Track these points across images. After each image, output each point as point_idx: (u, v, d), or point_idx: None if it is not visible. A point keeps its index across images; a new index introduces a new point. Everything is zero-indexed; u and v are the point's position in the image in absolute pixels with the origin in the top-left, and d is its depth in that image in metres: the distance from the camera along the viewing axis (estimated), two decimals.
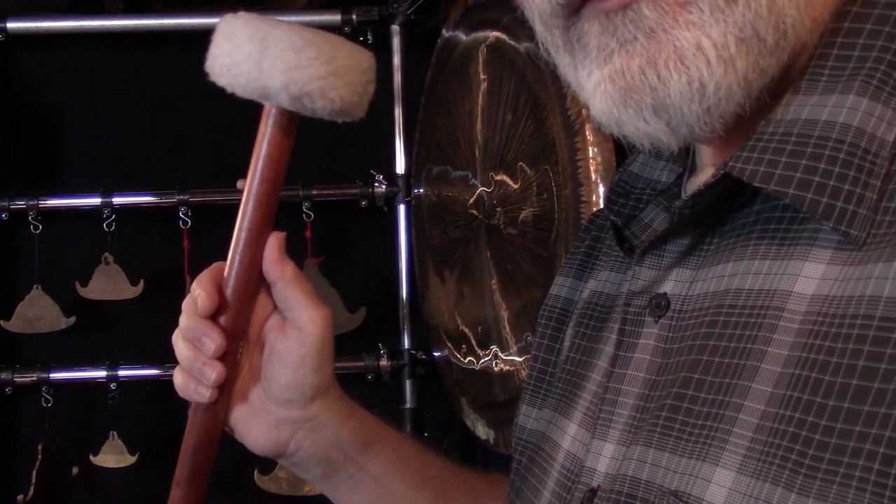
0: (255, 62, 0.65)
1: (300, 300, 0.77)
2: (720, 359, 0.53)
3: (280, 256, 0.75)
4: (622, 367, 0.62)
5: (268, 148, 0.71)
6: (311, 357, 0.78)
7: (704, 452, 0.51)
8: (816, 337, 0.48)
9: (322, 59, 0.65)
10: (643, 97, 0.53)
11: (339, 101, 0.66)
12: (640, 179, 0.68)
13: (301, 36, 0.65)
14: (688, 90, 0.52)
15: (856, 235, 0.49)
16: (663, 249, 0.62)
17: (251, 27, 0.66)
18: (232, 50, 0.66)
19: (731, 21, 0.51)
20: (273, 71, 0.65)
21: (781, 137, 0.52)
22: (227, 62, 0.66)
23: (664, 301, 0.60)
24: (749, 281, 0.54)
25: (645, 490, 0.55)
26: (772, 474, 0.47)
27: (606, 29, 0.54)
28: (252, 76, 0.65)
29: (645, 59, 0.53)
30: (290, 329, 0.78)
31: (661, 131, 0.54)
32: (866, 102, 0.51)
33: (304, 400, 0.80)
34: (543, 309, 0.81)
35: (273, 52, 0.65)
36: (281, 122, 0.70)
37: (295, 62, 0.65)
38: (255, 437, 0.80)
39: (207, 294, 0.73)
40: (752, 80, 0.52)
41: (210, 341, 0.74)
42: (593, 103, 0.57)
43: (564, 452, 0.67)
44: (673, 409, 0.54)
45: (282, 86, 0.65)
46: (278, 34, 0.65)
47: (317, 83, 0.65)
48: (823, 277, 0.50)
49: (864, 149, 0.50)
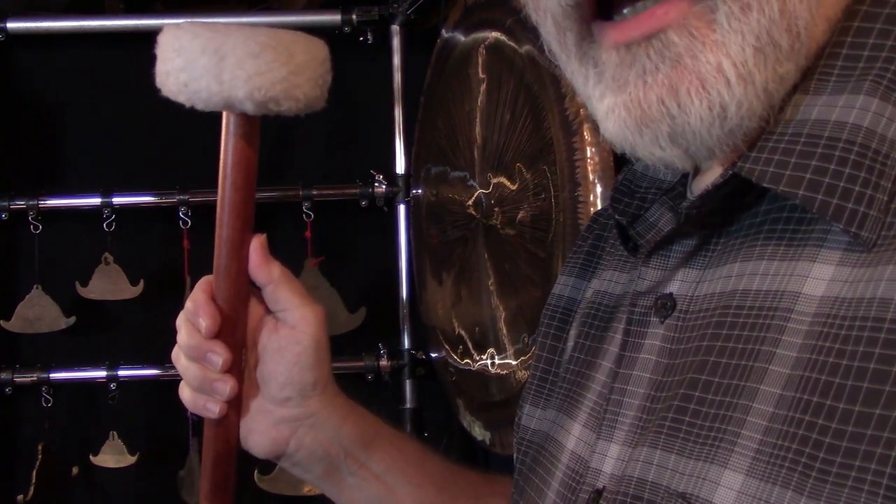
0: (214, 75, 0.63)
1: (291, 300, 0.77)
2: (728, 360, 0.52)
3: (265, 259, 0.75)
4: (627, 368, 0.62)
5: (235, 155, 0.70)
6: (306, 355, 0.78)
7: (712, 454, 0.51)
8: (826, 339, 0.48)
9: (281, 59, 0.64)
10: (660, 126, 0.53)
11: (304, 97, 0.66)
12: (644, 178, 0.67)
13: (255, 40, 0.63)
14: (708, 115, 0.52)
15: (866, 237, 0.49)
16: (669, 250, 0.62)
17: (202, 39, 0.63)
18: (186, 65, 0.64)
19: (748, 30, 0.51)
20: (235, 81, 0.63)
21: (791, 138, 0.52)
22: (184, 79, 0.64)
23: (670, 301, 0.60)
24: (757, 282, 0.53)
25: (651, 492, 0.54)
26: (781, 477, 0.47)
27: (625, 60, 0.54)
28: (213, 90, 0.64)
29: (665, 89, 0.52)
30: (283, 329, 0.78)
31: (677, 157, 0.54)
32: (877, 103, 0.50)
33: (302, 397, 0.80)
34: (546, 308, 0.80)
35: (231, 63, 0.63)
36: (244, 129, 0.69)
37: (255, 69, 0.63)
38: (256, 439, 0.80)
39: (209, 316, 0.74)
40: (771, 91, 0.52)
41: (217, 357, 0.74)
42: (605, 126, 0.56)
43: (569, 453, 0.66)
44: (680, 410, 0.54)
45: (246, 95, 0.64)
46: (232, 43, 0.63)
47: (280, 85, 0.64)
48: (833, 279, 0.50)
49: (875, 150, 0.50)
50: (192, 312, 0.75)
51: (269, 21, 1.95)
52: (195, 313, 0.75)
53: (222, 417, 0.77)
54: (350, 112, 2.08)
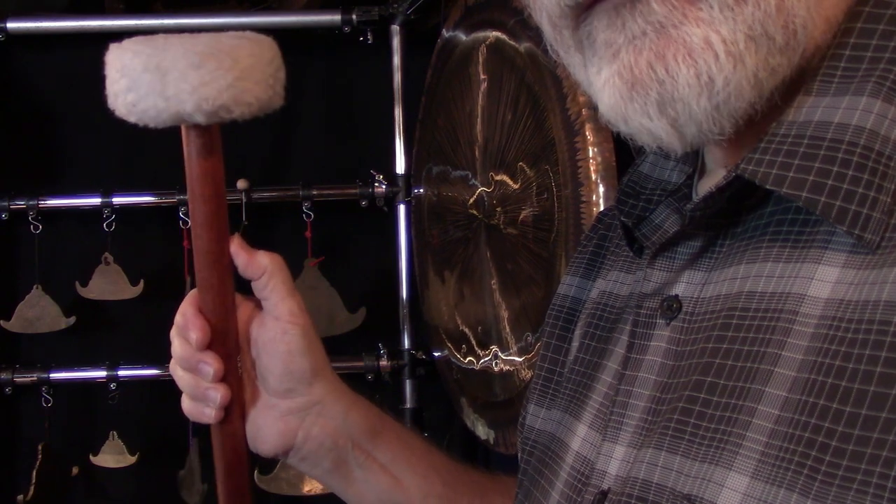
0: (159, 92, 0.62)
1: (279, 291, 0.79)
2: (733, 362, 0.52)
3: (250, 255, 0.77)
4: (633, 370, 0.62)
5: (198, 168, 0.69)
6: (296, 342, 0.80)
7: (717, 456, 0.51)
8: (832, 342, 0.48)
9: (224, 66, 0.62)
10: (649, 91, 0.53)
11: (256, 101, 0.65)
12: (650, 180, 0.67)
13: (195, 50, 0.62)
14: (696, 83, 0.51)
15: (870, 239, 0.49)
16: (675, 251, 0.62)
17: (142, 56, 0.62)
18: (131, 85, 0.62)
19: (741, 19, 0.51)
20: (180, 95, 0.62)
21: (794, 139, 0.52)
22: (131, 99, 0.63)
23: (676, 303, 0.60)
24: (762, 283, 0.53)
25: (656, 493, 0.54)
26: (787, 480, 0.47)
27: (614, 23, 0.54)
28: (160, 107, 0.62)
29: (654, 54, 0.52)
30: (269, 321, 0.80)
31: (664, 130, 0.54)
32: (879, 104, 0.50)
33: (304, 385, 0.81)
34: (551, 308, 0.80)
35: (174, 77, 0.61)
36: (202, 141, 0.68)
37: (199, 80, 0.62)
38: (264, 436, 0.81)
39: (199, 328, 0.75)
40: (762, 79, 0.52)
41: (208, 367, 0.76)
42: (602, 99, 0.56)
43: (574, 454, 0.66)
44: (685, 412, 0.54)
45: (194, 107, 0.62)
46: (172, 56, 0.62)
47: (228, 93, 0.62)
48: (838, 281, 0.50)
49: (878, 151, 0.50)
50: (182, 326, 0.77)
51: (270, 21, 1.95)
52: (184, 327, 0.76)
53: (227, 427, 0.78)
54: (350, 112, 2.08)
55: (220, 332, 0.75)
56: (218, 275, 0.74)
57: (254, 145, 2.05)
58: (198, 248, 0.72)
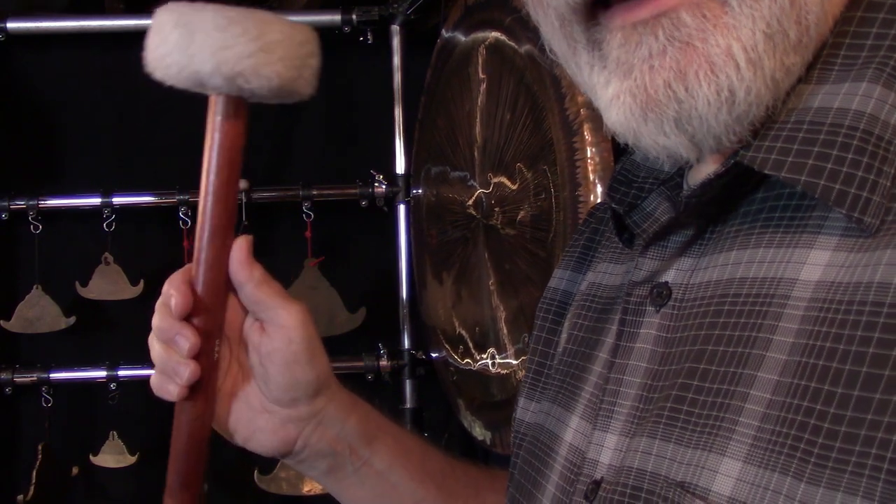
0: (183, 49, 0.63)
1: (274, 300, 0.76)
2: (724, 348, 0.52)
3: (248, 259, 0.74)
4: (623, 358, 0.62)
5: (218, 138, 0.69)
6: (301, 353, 0.77)
7: (710, 442, 0.50)
8: (822, 324, 0.48)
9: (249, 35, 0.63)
10: (666, 110, 0.52)
11: (277, 77, 0.64)
12: (642, 168, 0.67)
13: (225, 15, 0.63)
14: (716, 100, 0.51)
15: (869, 222, 0.48)
16: (666, 239, 0.62)
17: (175, 15, 0.64)
18: (161, 42, 0.64)
19: (759, 15, 0.51)
20: (201, 55, 0.63)
21: (793, 125, 0.52)
22: (159, 54, 0.65)
23: (665, 290, 0.60)
24: (753, 269, 0.53)
25: (650, 481, 0.54)
26: (780, 464, 0.47)
27: (630, 40, 0.53)
28: (182, 63, 0.64)
29: (673, 73, 0.52)
30: (272, 330, 0.77)
31: (682, 145, 0.54)
32: (879, 90, 0.50)
33: (309, 395, 0.79)
34: (542, 302, 0.80)
35: (199, 36, 0.63)
36: (227, 110, 0.68)
37: (221, 42, 0.63)
38: (262, 440, 0.80)
39: (181, 294, 0.72)
40: (778, 80, 0.52)
41: (184, 340, 0.73)
42: (608, 114, 0.56)
43: (567, 445, 0.66)
44: (677, 399, 0.54)
45: (213, 68, 0.63)
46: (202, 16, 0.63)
47: (247, 61, 0.63)
48: (829, 264, 0.50)
49: (878, 136, 0.49)
50: (165, 292, 0.74)
51: None
52: (167, 292, 0.73)
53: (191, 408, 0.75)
54: (350, 112, 2.08)
55: (204, 309, 0.73)
56: (215, 252, 0.72)
57: (254, 145, 2.05)
58: (201, 219, 0.71)
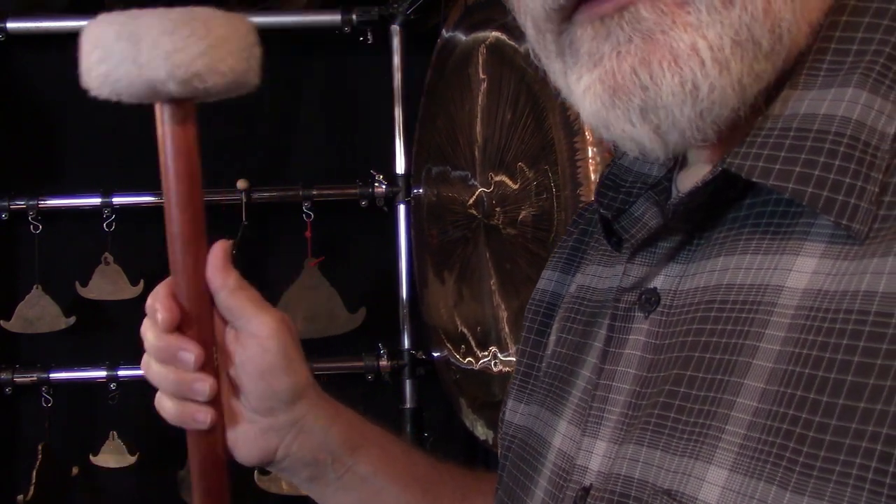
0: (132, 60, 0.60)
1: (247, 308, 0.73)
2: (712, 355, 0.52)
3: (223, 264, 0.71)
4: (612, 364, 0.62)
5: (172, 146, 0.67)
6: (276, 362, 0.75)
7: (697, 450, 0.51)
8: (809, 332, 0.48)
9: (198, 34, 0.61)
10: (631, 98, 0.52)
11: (231, 72, 0.62)
12: (630, 173, 0.67)
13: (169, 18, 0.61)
14: (680, 91, 0.51)
15: (857, 229, 0.48)
16: (655, 245, 0.62)
17: (115, 26, 0.61)
18: (104, 56, 0.61)
19: (728, 23, 0.51)
20: (154, 62, 0.60)
21: (780, 132, 0.52)
22: (103, 70, 0.61)
23: (654, 296, 0.60)
24: (741, 276, 0.53)
25: (638, 489, 0.54)
26: (766, 472, 0.47)
27: (599, 33, 0.54)
28: (133, 76, 0.61)
29: (638, 60, 0.52)
30: (246, 339, 0.74)
31: (647, 137, 0.53)
32: (865, 95, 0.50)
33: (286, 404, 0.77)
34: (530, 303, 0.80)
35: (147, 44, 0.60)
36: (176, 117, 0.66)
37: (172, 45, 0.60)
38: (243, 449, 0.77)
39: (166, 308, 0.69)
40: (746, 85, 0.52)
41: (188, 353, 0.70)
42: (583, 106, 0.56)
43: (556, 450, 0.66)
44: (665, 406, 0.54)
45: (167, 75, 0.61)
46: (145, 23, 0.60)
47: (201, 60, 0.61)
48: (816, 272, 0.50)
49: (865, 142, 0.49)
50: (151, 308, 0.71)
51: (270, 21, 1.95)
52: (152, 308, 0.71)
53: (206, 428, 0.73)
54: (350, 112, 2.08)
55: (194, 320, 0.70)
56: (192, 259, 0.69)
57: (254, 145, 2.05)
58: (171, 229, 0.68)
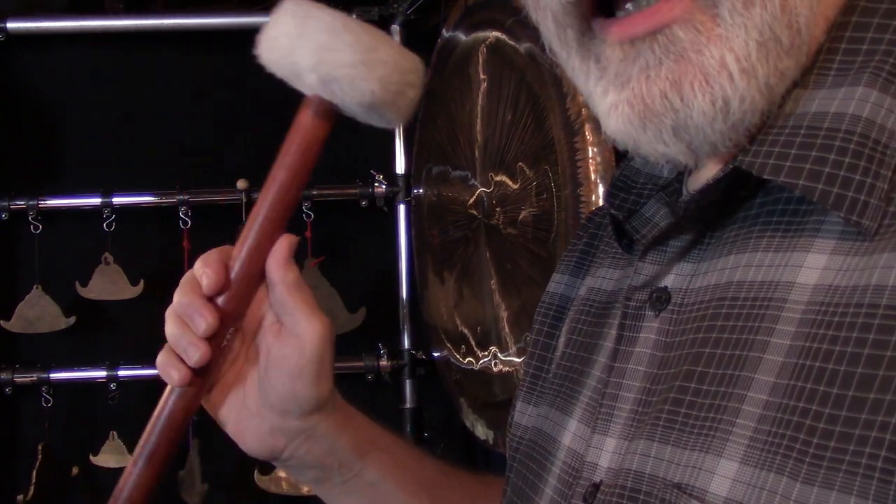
0: (291, 38, 0.65)
1: (300, 308, 0.74)
2: (722, 351, 0.53)
3: (286, 259, 0.72)
4: (623, 362, 0.62)
5: (300, 135, 0.70)
6: (309, 368, 0.75)
7: (707, 444, 0.51)
8: (819, 326, 0.48)
9: (357, 47, 0.64)
10: (663, 120, 0.53)
11: (370, 94, 0.65)
12: (641, 174, 0.68)
13: (342, 21, 0.64)
14: (711, 109, 0.52)
15: (867, 225, 0.49)
16: (665, 244, 0.62)
17: (296, 7, 0.66)
18: (275, 26, 0.66)
19: (751, 24, 0.51)
20: (305, 49, 0.64)
21: (791, 130, 0.52)
22: (270, 35, 0.66)
23: (665, 294, 0.60)
24: (751, 273, 0.54)
25: (648, 483, 0.54)
26: (776, 464, 0.47)
27: (628, 55, 0.54)
28: (285, 51, 0.65)
29: (669, 83, 0.52)
30: (288, 336, 0.75)
31: (681, 153, 0.54)
32: (876, 94, 0.51)
33: (302, 412, 0.77)
34: (540, 306, 0.80)
35: (310, 31, 0.64)
36: (316, 111, 0.69)
37: (328, 44, 0.64)
38: (249, 441, 0.78)
39: (215, 273, 0.71)
40: (773, 86, 0.52)
41: (202, 320, 0.71)
42: (607, 123, 0.56)
43: (565, 449, 0.66)
44: (675, 402, 0.54)
45: (311, 65, 0.64)
46: (320, 15, 0.65)
47: (346, 70, 0.64)
48: (826, 268, 0.50)
49: (875, 139, 0.50)
50: (198, 267, 0.72)
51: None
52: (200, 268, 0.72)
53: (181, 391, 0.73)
54: None
55: (232, 295, 0.72)
56: (261, 242, 0.72)
57: (254, 145, 2.05)
58: (258, 210, 0.71)
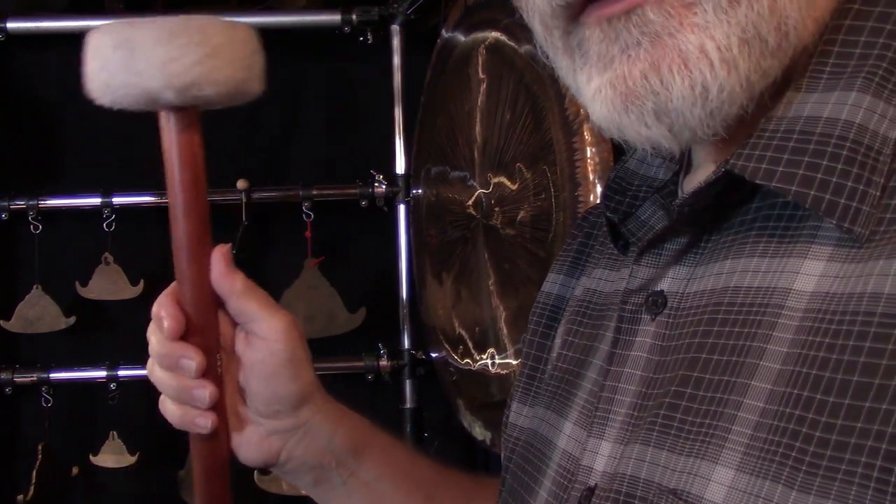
0: (128, 68, 0.61)
1: (257, 311, 0.74)
2: (719, 356, 0.53)
3: (227, 270, 0.72)
4: (619, 365, 0.62)
5: (177, 153, 0.68)
6: (283, 367, 0.76)
7: (703, 450, 0.51)
8: (816, 334, 0.48)
9: (193, 42, 0.61)
10: (645, 102, 0.53)
11: (229, 80, 0.63)
12: (636, 176, 0.68)
13: (165, 27, 0.61)
14: (690, 94, 0.51)
15: (859, 232, 0.49)
16: (661, 248, 0.62)
17: (112, 35, 0.62)
18: (103, 65, 0.62)
19: (734, 21, 0.51)
20: (149, 71, 0.61)
21: (783, 135, 0.52)
22: (104, 79, 0.62)
23: (661, 298, 0.60)
24: (748, 279, 0.53)
25: (643, 489, 0.54)
26: (772, 472, 0.47)
27: (608, 35, 0.54)
28: (130, 85, 0.62)
29: (648, 64, 0.52)
30: (256, 342, 0.75)
31: (663, 136, 0.54)
32: (869, 99, 0.50)
33: (291, 408, 0.78)
34: (535, 305, 0.80)
35: (142, 53, 0.61)
36: (180, 124, 0.67)
37: (167, 55, 0.61)
38: (246, 451, 0.78)
39: (172, 316, 0.71)
40: (754, 82, 0.52)
41: (189, 361, 0.71)
42: (593, 108, 0.56)
43: (561, 451, 0.66)
44: (671, 407, 0.54)
45: (164, 84, 0.61)
46: (141, 33, 0.61)
47: (198, 69, 0.61)
48: (823, 275, 0.50)
49: (867, 146, 0.50)
50: (156, 315, 0.73)
51: (270, 21, 1.95)
52: (158, 316, 0.72)
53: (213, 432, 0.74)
54: (350, 112, 2.08)
55: (198, 327, 0.71)
56: (197, 267, 0.70)
57: (254, 145, 2.05)
58: (175, 236, 0.69)
